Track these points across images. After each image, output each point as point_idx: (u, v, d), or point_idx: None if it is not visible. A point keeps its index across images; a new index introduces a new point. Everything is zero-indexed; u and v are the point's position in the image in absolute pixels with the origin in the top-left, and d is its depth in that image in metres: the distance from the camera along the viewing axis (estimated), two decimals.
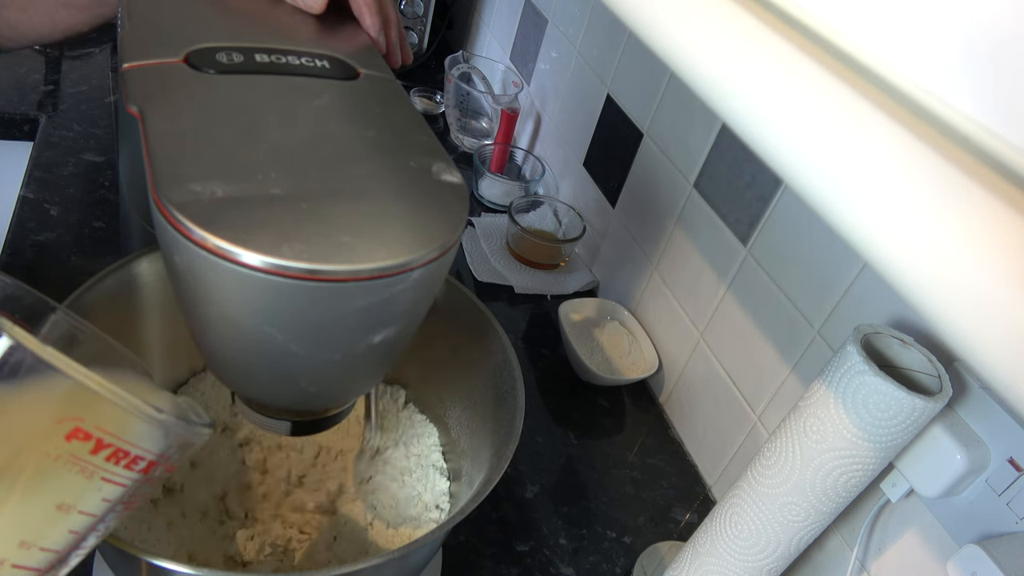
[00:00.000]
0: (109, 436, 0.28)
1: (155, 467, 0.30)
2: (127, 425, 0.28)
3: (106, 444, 0.28)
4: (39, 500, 0.28)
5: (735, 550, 0.52)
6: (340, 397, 0.43)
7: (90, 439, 0.27)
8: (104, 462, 0.28)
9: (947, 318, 0.18)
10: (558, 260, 0.98)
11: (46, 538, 0.29)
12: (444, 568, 0.62)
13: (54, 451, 0.27)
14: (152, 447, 0.30)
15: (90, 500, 0.29)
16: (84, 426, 0.27)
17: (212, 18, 0.44)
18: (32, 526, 0.28)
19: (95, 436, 0.27)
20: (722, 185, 0.74)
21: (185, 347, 0.41)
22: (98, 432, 0.27)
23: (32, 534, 0.28)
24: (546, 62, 1.10)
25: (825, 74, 0.21)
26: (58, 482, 0.28)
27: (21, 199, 0.83)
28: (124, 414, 0.28)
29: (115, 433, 0.28)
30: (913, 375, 0.47)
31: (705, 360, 0.78)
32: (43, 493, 0.28)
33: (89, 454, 0.28)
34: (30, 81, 1.02)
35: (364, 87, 0.43)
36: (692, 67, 0.25)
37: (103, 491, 0.29)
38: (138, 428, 0.29)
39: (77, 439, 0.27)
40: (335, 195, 0.34)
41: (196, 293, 0.33)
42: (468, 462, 0.59)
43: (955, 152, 0.18)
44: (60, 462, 0.27)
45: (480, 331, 0.57)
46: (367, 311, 0.33)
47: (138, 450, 0.29)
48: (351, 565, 0.39)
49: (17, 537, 0.28)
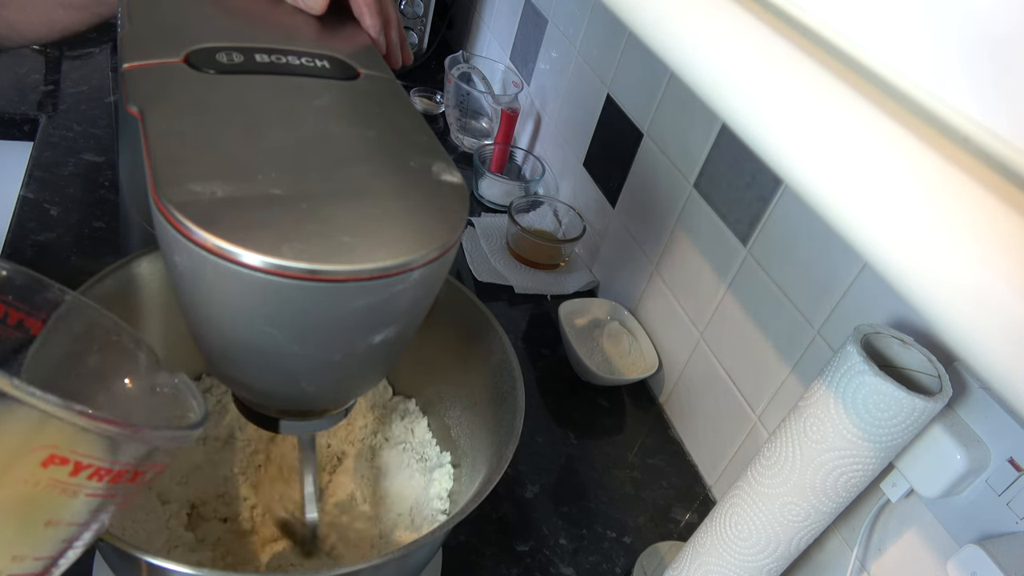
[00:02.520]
0: (87, 458, 0.27)
1: (142, 475, 0.30)
2: (103, 446, 0.28)
3: (85, 465, 0.27)
4: (26, 521, 0.27)
5: (735, 550, 0.52)
6: (340, 397, 0.43)
7: (67, 463, 0.27)
8: (86, 481, 0.28)
9: (947, 318, 0.18)
10: (558, 260, 0.98)
11: (38, 550, 0.29)
12: (444, 568, 0.62)
13: (32, 478, 0.26)
14: (135, 458, 0.29)
15: (78, 513, 0.29)
16: (59, 452, 0.27)
17: (212, 18, 0.44)
18: (23, 543, 0.28)
19: (72, 460, 0.27)
20: (722, 185, 0.74)
21: (185, 347, 0.41)
22: (75, 456, 0.27)
23: (24, 549, 0.28)
24: (546, 62, 1.10)
25: (825, 74, 0.21)
26: (42, 504, 0.27)
27: (21, 199, 0.83)
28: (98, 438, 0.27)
29: (92, 454, 0.27)
30: (913, 375, 0.47)
31: (705, 360, 0.78)
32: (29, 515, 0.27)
33: (69, 476, 0.27)
34: (30, 81, 1.02)
35: (364, 87, 0.43)
36: (692, 67, 0.25)
37: (90, 504, 0.29)
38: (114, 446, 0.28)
39: (54, 464, 0.27)
40: (335, 195, 0.34)
41: (196, 293, 0.33)
42: (468, 462, 0.59)
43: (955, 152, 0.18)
44: (40, 487, 0.27)
45: (480, 331, 0.57)
46: (367, 311, 0.33)
47: (120, 465, 0.29)
48: (351, 565, 0.39)
49: (9, 553, 0.28)
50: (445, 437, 0.63)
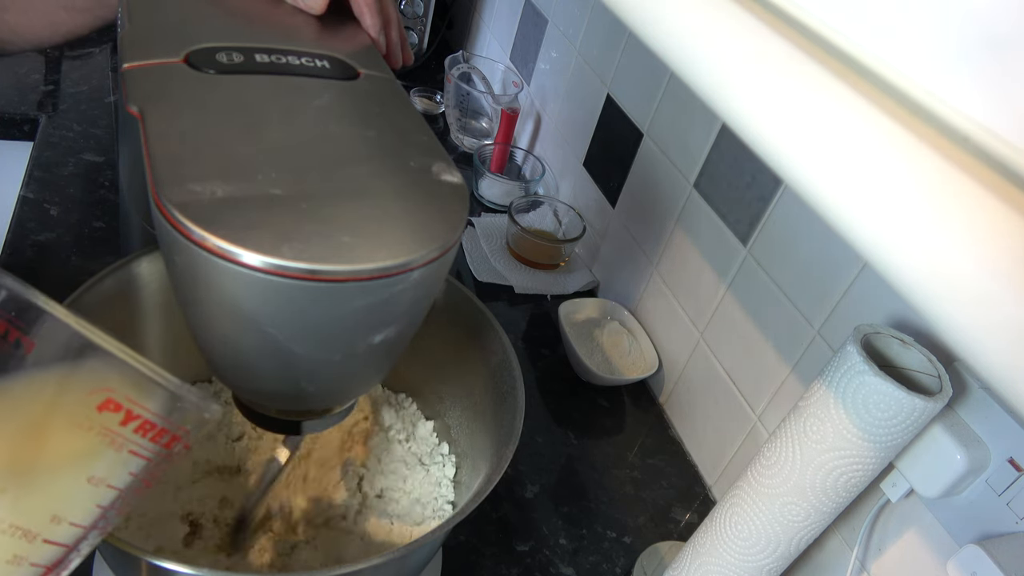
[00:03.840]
0: (138, 407, 0.29)
1: (177, 442, 0.31)
2: (154, 396, 0.29)
3: (135, 415, 0.29)
4: (72, 473, 0.29)
5: (735, 550, 0.52)
6: (340, 397, 0.43)
7: (120, 410, 0.28)
8: (132, 434, 0.29)
9: (947, 318, 0.18)
10: (558, 260, 0.98)
11: (75, 512, 0.29)
12: (444, 568, 0.62)
13: (86, 422, 0.28)
14: (175, 420, 0.30)
15: (118, 473, 0.30)
16: (115, 397, 0.28)
17: (212, 18, 0.44)
18: (64, 499, 0.29)
19: (125, 407, 0.28)
20: (722, 185, 0.74)
21: (186, 348, 0.41)
22: (128, 403, 0.28)
23: (63, 508, 0.29)
24: (546, 62, 1.10)
25: (825, 74, 0.21)
26: (90, 454, 0.29)
27: (21, 199, 0.83)
28: (151, 385, 0.29)
29: (143, 404, 0.29)
30: (913, 375, 0.47)
31: (705, 360, 0.78)
32: (76, 466, 0.29)
33: (119, 425, 0.28)
34: (30, 81, 1.02)
35: (364, 87, 0.43)
36: (692, 67, 0.25)
37: (129, 464, 0.30)
38: (163, 400, 0.30)
39: (108, 410, 0.28)
40: (335, 195, 0.34)
41: (196, 293, 0.33)
42: (468, 462, 0.59)
43: (955, 152, 0.18)
44: (92, 433, 0.28)
45: (480, 331, 0.57)
46: (367, 311, 0.33)
47: (164, 422, 0.30)
48: (351, 565, 0.39)
49: (49, 511, 0.29)
50: (445, 437, 0.63)
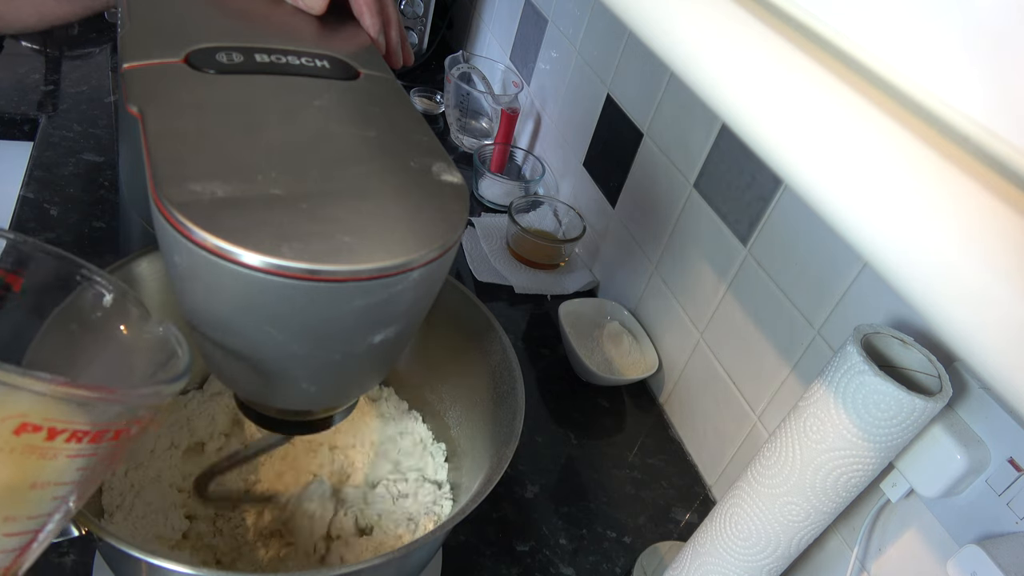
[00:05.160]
0: (61, 423, 0.27)
1: (126, 431, 0.30)
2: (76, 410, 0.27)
3: (60, 430, 0.27)
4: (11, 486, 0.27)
5: (735, 550, 0.52)
6: (340, 397, 0.43)
7: (40, 430, 0.27)
8: (65, 444, 0.27)
9: (947, 318, 0.18)
10: (558, 260, 0.98)
11: (29, 510, 0.28)
12: (444, 568, 0.62)
13: (6, 446, 0.26)
14: (113, 418, 0.29)
15: (64, 473, 0.29)
16: (30, 420, 0.26)
17: (212, 18, 0.44)
18: (12, 506, 0.28)
19: (45, 426, 0.27)
20: (722, 185, 0.74)
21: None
22: (47, 422, 0.27)
23: (14, 511, 0.28)
24: (546, 62, 1.10)
25: (825, 74, 0.21)
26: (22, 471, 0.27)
27: (21, 199, 0.83)
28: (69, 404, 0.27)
29: (65, 419, 0.27)
30: (913, 375, 0.47)
31: (705, 360, 0.78)
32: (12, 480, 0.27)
33: (45, 441, 0.27)
34: (30, 81, 1.02)
35: (364, 87, 0.43)
36: (692, 67, 0.25)
37: (75, 463, 0.29)
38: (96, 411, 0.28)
39: (27, 432, 0.26)
40: (335, 195, 0.34)
41: (196, 293, 0.33)
42: (468, 462, 0.59)
43: (954, 152, 0.18)
44: (16, 454, 0.27)
45: (480, 331, 0.57)
46: (367, 311, 0.33)
47: (98, 427, 0.28)
48: (351, 565, 0.39)
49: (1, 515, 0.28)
50: (445, 437, 0.63)
